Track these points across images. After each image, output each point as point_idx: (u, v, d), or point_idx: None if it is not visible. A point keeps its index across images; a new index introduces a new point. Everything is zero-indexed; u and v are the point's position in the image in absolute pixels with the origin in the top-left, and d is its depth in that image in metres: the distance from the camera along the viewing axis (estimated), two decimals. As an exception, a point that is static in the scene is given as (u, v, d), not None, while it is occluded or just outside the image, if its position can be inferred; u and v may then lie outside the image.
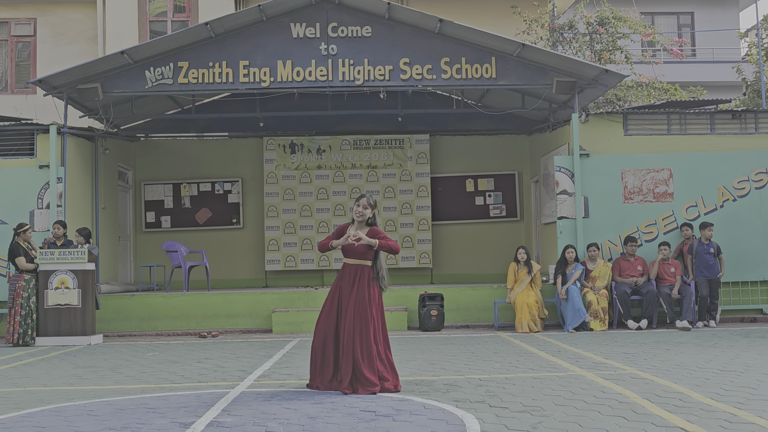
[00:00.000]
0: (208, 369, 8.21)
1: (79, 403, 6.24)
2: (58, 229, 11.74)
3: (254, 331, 12.70)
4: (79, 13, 17.49)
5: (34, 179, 12.63)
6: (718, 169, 12.90)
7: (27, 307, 11.31)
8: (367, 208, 6.72)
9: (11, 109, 16.33)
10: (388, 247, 6.57)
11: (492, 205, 16.43)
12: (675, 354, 8.61)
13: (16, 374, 8.15)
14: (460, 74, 12.64)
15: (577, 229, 12.64)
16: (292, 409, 5.71)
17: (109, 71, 12.56)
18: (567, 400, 5.83)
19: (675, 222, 12.82)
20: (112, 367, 8.54)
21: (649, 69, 18.31)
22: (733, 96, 19.85)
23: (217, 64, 12.56)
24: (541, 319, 11.98)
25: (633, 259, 12.34)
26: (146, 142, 16.39)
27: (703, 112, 13.19)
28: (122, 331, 12.63)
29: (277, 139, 16.13)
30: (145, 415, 5.62)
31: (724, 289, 12.74)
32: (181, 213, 16.29)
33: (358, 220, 6.75)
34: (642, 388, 6.28)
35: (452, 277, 16.00)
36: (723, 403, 5.57)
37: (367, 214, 6.72)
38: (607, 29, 17.01)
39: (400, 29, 12.67)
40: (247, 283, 16.03)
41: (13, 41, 17.55)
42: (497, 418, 5.23)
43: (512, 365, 7.96)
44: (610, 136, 12.97)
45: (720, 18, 25.41)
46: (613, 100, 16.92)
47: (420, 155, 16.17)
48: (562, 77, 12.54)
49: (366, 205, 6.72)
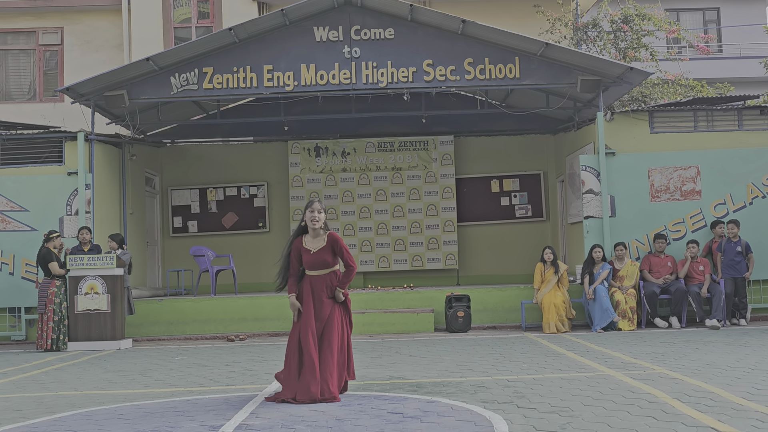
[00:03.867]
0: (236, 372, 8.25)
1: (109, 406, 6.31)
2: (86, 234, 11.88)
3: (282, 334, 12.74)
4: (105, 21, 17.69)
5: (62, 186, 12.78)
6: (746, 165, 12.75)
7: (59, 313, 11.46)
8: (322, 212, 6.32)
9: (40, 117, 16.54)
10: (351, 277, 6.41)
11: (517, 206, 16.37)
12: (705, 353, 8.52)
13: (48, 379, 8.26)
14: (483, 75, 12.61)
15: (603, 229, 12.55)
16: (320, 411, 5.72)
17: (135, 78, 12.68)
18: (596, 401, 5.79)
19: (703, 220, 12.69)
20: (142, 371, 8.62)
21: (674, 66, 18.15)
22: (760, 92, 19.58)
23: (241, 69, 12.64)
24: (568, 320, 11.91)
25: (663, 255, 12.24)
26: (172, 147, 16.52)
27: (730, 108, 13.04)
28: (151, 335, 12.74)
29: (301, 142, 16.19)
30: (175, 418, 5.67)
31: (755, 287, 12.58)
32: (208, 217, 16.40)
33: (312, 228, 6.32)
34: (672, 388, 6.22)
35: (478, 278, 15.96)
36: (755, 403, 5.50)
37: (322, 219, 6.32)
38: (631, 27, 16.89)
39: (423, 31, 12.66)
40: (274, 286, 16.01)
41: (41, 50, 17.78)
42: (525, 419, 5.21)
43: (540, 366, 7.92)
44: (635, 135, 12.87)
45: (746, 13, 25.11)
46: (638, 98, 16.78)
47: (444, 156, 16.15)
48: (587, 76, 12.47)
49: (320, 209, 6.32)
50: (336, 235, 6.39)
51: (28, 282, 12.58)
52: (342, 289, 6.40)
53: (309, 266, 6.40)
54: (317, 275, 6.38)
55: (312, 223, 6.30)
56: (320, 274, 6.38)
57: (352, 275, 6.45)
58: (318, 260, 6.34)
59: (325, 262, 6.35)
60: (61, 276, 11.61)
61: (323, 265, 6.36)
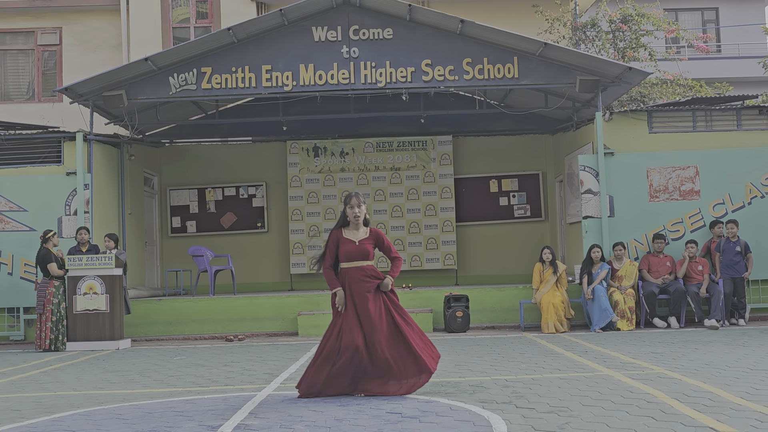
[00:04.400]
0: (234, 372, 8.25)
1: (108, 407, 6.30)
2: (85, 234, 11.88)
3: (280, 334, 12.75)
4: (104, 21, 17.68)
5: (61, 186, 12.77)
6: (745, 165, 12.75)
7: (58, 313, 11.45)
8: (362, 205, 6.35)
9: (38, 117, 16.53)
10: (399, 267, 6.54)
11: (516, 206, 16.37)
12: (704, 353, 8.53)
13: (47, 379, 8.25)
14: (482, 75, 12.60)
15: (602, 229, 12.55)
16: (319, 411, 5.72)
17: (134, 78, 12.68)
18: (594, 401, 5.79)
19: (702, 220, 12.69)
20: (141, 371, 8.62)
21: (673, 66, 18.15)
22: (759, 92, 19.59)
23: (239, 69, 12.63)
24: (567, 320, 11.91)
25: (662, 255, 12.24)
26: (171, 147, 16.52)
27: (729, 108, 13.05)
28: (150, 335, 12.74)
29: (300, 142, 16.19)
30: (173, 418, 5.66)
31: (754, 287, 12.58)
32: (207, 218, 16.40)
33: (353, 223, 6.40)
34: (670, 388, 6.22)
35: (477, 278, 15.96)
36: (754, 403, 5.50)
37: (363, 214, 6.35)
38: (630, 26, 16.89)
39: (422, 31, 12.66)
40: (273, 286, 16.10)
41: (40, 50, 17.78)
42: (524, 419, 5.21)
43: (539, 366, 7.92)
44: (634, 134, 12.87)
45: (745, 13, 25.13)
46: (637, 98, 16.78)
47: (443, 156, 16.15)
48: (585, 76, 12.47)
49: (359, 203, 6.35)
50: (379, 231, 6.53)
51: (27, 282, 12.56)
52: (392, 278, 6.45)
53: (348, 257, 6.37)
54: (355, 267, 6.37)
55: (355, 220, 6.36)
56: (358, 266, 6.37)
57: (400, 265, 6.56)
58: (360, 251, 6.36)
59: (367, 252, 6.39)
60: (60, 276, 11.61)
61: (364, 257, 6.38)
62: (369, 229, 6.48)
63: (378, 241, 6.49)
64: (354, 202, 6.33)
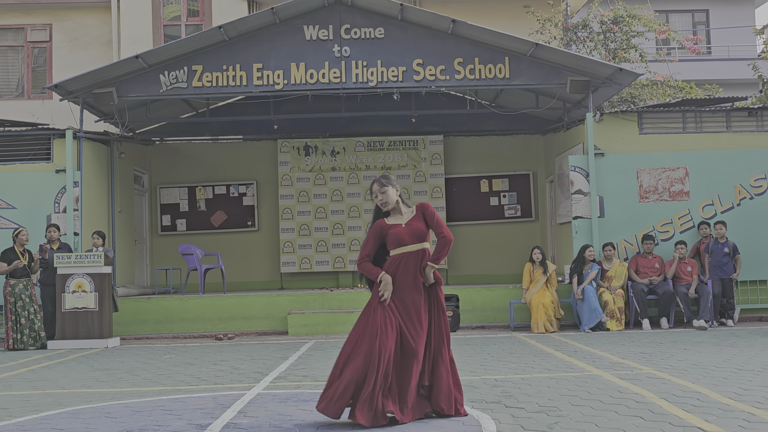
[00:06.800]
0: (224, 371, 8.23)
1: (96, 405, 6.28)
2: (54, 232, 11.77)
3: (270, 333, 12.73)
4: (94, 18, 17.61)
5: (50, 184, 12.72)
6: (734, 167, 12.81)
7: (15, 313, 11.31)
8: (385, 189, 5.37)
9: (28, 114, 16.46)
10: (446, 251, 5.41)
11: (507, 206, 16.39)
12: (692, 353, 8.56)
13: (35, 377, 8.21)
14: (473, 74, 12.61)
15: (592, 229, 12.59)
16: (308, 410, 5.71)
17: (124, 75, 12.63)
18: (583, 401, 5.80)
19: (691, 221, 12.74)
20: (129, 370, 8.59)
21: (664, 67, 18.20)
22: (749, 93, 19.66)
23: (230, 67, 12.61)
24: (557, 320, 11.94)
25: (651, 256, 12.28)
26: (161, 145, 16.47)
27: (718, 110, 13.11)
28: (139, 333, 12.70)
29: (291, 141, 16.17)
30: (162, 416, 5.65)
31: (742, 288, 12.64)
32: (197, 216, 16.35)
33: (391, 210, 5.45)
34: (659, 388, 6.24)
35: (467, 277, 15.97)
36: (741, 403, 5.53)
37: (392, 196, 5.38)
38: (621, 27, 16.94)
39: (413, 30, 12.66)
40: (263, 285, 16.07)
41: (29, 47, 17.70)
42: (513, 419, 5.22)
43: (528, 366, 7.93)
44: (625, 135, 12.91)
45: (735, 15, 25.22)
46: (627, 99, 16.84)
47: (434, 156, 16.16)
48: (576, 76, 12.50)
49: (381, 189, 5.38)
50: (426, 203, 5.46)
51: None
52: (434, 265, 5.38)
53: (399, 242, 5.34)
54: (409, 252, 5.32)
55: (383, 207, 5.42)
56: (413, 251, 5.34)
57: (447, 247, 5.39)
58: (412, 231, 5.34)
59: (421, 232, 5.36)
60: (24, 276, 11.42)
61: (418, 237, 5.35)
62: (415, 206, 5.49)
63: (426, 216, 5.41)
64: (375, 189, 5.39)
